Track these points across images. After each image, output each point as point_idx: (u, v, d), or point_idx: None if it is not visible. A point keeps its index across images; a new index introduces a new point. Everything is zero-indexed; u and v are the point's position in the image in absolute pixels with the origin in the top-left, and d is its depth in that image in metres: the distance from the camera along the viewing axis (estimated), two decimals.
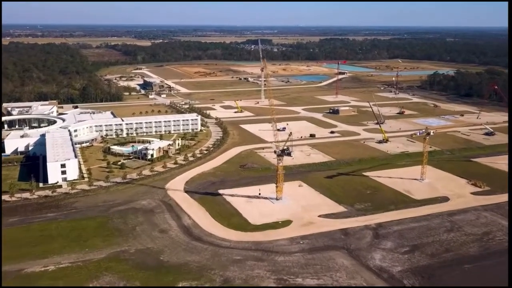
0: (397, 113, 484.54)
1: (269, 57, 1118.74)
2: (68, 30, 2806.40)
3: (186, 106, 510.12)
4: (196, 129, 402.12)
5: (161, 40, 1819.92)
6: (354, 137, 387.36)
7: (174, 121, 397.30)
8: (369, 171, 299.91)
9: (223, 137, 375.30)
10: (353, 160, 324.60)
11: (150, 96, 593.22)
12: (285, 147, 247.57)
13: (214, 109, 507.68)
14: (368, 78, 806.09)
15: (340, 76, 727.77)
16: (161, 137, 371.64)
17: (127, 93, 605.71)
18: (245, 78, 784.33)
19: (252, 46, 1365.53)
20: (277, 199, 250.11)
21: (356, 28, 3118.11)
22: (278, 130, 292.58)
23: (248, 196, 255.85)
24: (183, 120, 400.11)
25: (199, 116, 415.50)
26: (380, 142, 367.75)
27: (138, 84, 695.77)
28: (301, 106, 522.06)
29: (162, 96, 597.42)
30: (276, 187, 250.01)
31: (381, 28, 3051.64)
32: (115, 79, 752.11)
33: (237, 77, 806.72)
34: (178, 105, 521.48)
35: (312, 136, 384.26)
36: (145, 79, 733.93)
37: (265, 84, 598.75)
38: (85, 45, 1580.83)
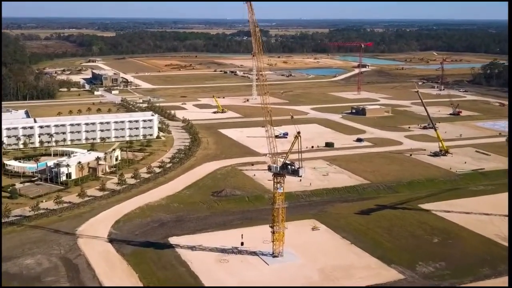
0: (451, 114, 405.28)
1: (264, 48, 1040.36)
2: (28, 22, 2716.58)
3: (145, 105, 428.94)
4: (151, 135, 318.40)
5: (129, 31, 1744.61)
6: (394, 147, 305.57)
7: (115, 123, 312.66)
8: (429, 202, 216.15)
9: (190, 148, 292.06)
10: (399, 183, 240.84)
11: (96, 93, 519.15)
12: (287, 161, 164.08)
13: (184, 108, 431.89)
14: (398, 71, 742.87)
15: (362, 69, 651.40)
16: (92, 147, 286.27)
17: (65, 89, 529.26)
18: (232, 72, 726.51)
19: (244, 37, 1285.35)
20: (274, 256, 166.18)
21: (372, 21, 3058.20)
22: (277, 137, 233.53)
23: (222, 250, 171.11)
24: (130, 122, 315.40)
25: (156, 117, 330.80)
26: (436, 154, 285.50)
27: (84, 79, 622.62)
28: (310, 105, 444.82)
29: (114, 92, 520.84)
30: (273, 232, 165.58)
31: (402, 21, 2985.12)
32: (56, 72, 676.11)
33: (221, 71, 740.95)
34: (133, 103, 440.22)
35: (329, 145, 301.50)
36: (96, 71, 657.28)
37: (257, 78, 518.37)
38: (31, 36, 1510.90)
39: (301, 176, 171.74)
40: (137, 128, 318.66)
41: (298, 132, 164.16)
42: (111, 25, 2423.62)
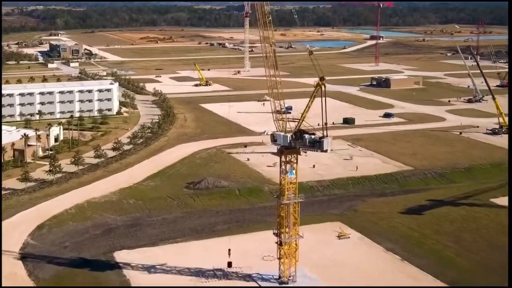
0: (498, 86, 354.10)
1: (256, 21, 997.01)
2: None
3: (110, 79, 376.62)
4: (109, 110, 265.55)
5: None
6: (436, 124, 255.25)
7: (61, 93, 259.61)
8: (504, 196, 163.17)
9: (160, 125, 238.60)
10: (453, 169, 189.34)
11: (51, 65, 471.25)
12: (301, 128, 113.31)
13: (158, 81, 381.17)
14: (420, 43, 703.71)
15: (375, 41, 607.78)
16: (26, 124, 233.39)
17: (13, 62, 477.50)
18: (219, 44, 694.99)
19: (235, 12, 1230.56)
20: (281, 282, 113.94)
21: None
22: (279, 112, 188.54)
23: (199, 273, 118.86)
24: (81, 93, 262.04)
25: (116, 86, 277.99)
26: (495, 132, 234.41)
27: (40, 52, 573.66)
28: (317, 78, 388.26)
29: (72, 65, 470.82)
30: (280, 243, 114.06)
31: None
32: (8, 46, 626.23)
33: (207, 43, 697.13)
34: (94, 76, 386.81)
35: (348, 122, 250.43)
36: (54, 43, 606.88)
37: (251, 50, 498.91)
38: None
39: (326, 151, 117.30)
40: (90, 101, 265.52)
41: (321, 78, 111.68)
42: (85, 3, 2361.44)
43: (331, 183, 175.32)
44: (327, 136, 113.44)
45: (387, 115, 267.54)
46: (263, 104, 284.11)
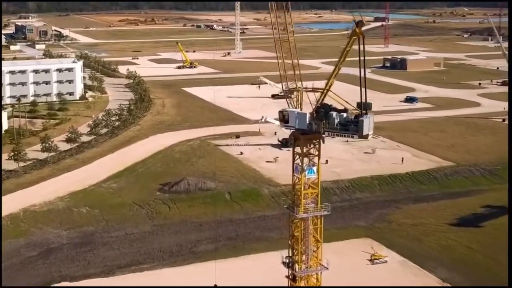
0: None
1: (249, 5, 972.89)
2: None
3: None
4: (72, 93, 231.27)
5: None
6: (470, 110, 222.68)
7: (11, 73, 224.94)
8: None
9: (131, 111, 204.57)
10: (506, 164, 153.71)
11: (13, 47, 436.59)
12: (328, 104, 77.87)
13: (135, 63, 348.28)
14: (430, 25, 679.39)
15: (382, 23, 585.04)
16: None
17: None
18: (207, 26, 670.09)
19: None
20: None
21: None
22: (278, 96, 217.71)
23: None
24: (37, 73, 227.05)
25: (80, 65, 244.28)
26: None
27: (5, 34, 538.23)
28: (320, 59, 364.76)
29: (38, 47, 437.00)
30: (294, 278, 77.90)
31: None
32: None
33: (193, 25, 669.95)
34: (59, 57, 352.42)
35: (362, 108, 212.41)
36: (21, 24, 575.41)
37: (242, 32, 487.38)
38: None
39: (366, 137, 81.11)
40: (47, 83, 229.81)
41: (359, 23, 77.02)
42: None
43: (351, 183, 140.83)
44: (366, 113, 78.67)
45: (409, 100, 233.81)
46: (259, 87, 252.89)
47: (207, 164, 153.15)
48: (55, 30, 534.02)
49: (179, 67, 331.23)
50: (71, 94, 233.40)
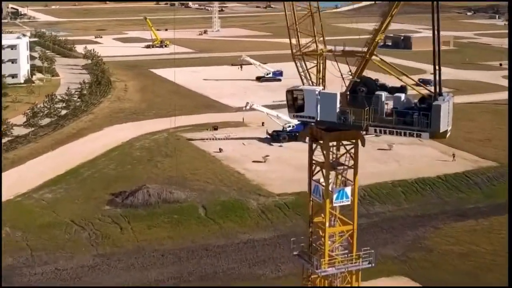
0: None
1: None
2: None
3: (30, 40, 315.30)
4: (15, 76, 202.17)
5: None
6: (498, 95, 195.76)
7: None
8: None
9: (84, 98, 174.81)
10: None
11: None
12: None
13: (98, 42, 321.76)
14: (428, 3, 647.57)
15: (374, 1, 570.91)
16: None
17: None
18: (182, 4, 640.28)
19: None
20: None
21: None
22: (263, 78, 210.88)
23: None
24: None
25: (25, 42, 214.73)
26: None
27: None
28: (306, 38, 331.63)
29: None
30: None
31: None
32: None
33: (166, 3, 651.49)
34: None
35: None
36: None
37: (221, 10, 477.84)
38: None
39: (444, 134, 50.34)
40: None
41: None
42: None
43: (366, 192, 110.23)
44: (441, 93, 49.65)
45: (423, 83, 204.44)
46: (241, 67, 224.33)
47: (176, 165, 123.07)
48: (12, 8, 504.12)
49: (148, 46, 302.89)
50: (14, 76, 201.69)
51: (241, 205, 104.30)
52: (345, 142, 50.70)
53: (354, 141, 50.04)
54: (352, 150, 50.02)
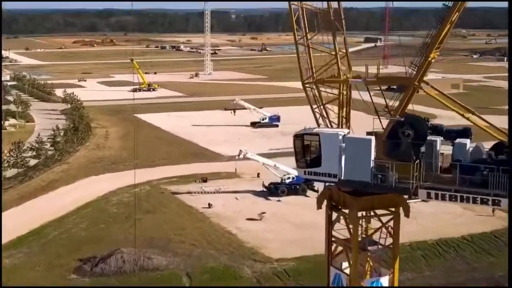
0: None
1: (222, 27, 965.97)
2: None
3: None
4: None
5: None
6: None
7: None
8: None
9: (57, 145, 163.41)
10: None
11: None
12: None
13: (81, 86, 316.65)
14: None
15: (375, 44, 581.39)
16: None
17: None
18: (173, 47, 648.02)
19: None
20: None
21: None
22: (258, 124, 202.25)
23: None
24: None
25: None
26: None
27: None
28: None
29: None
30: None
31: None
32: None
33: (157, 46, 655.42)
34: None
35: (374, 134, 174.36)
36: None
37: (214, 53, 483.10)
38: None
39: None
40: None
41: None
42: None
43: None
44: None
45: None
46: (233, 112, 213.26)
47: (157, 224, 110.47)
48: None
49: (134, 90, 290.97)
50: None
51: (232, 273, 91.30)
52: (380, 212, 37.76)
53: (394, 209, 37.16)
54: (391, 223, 37.11)
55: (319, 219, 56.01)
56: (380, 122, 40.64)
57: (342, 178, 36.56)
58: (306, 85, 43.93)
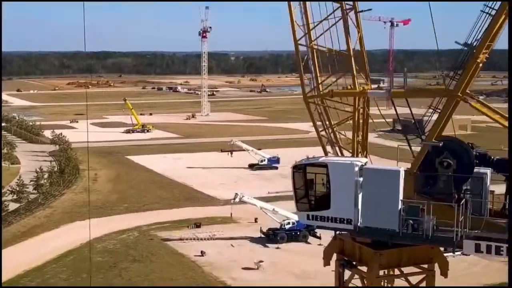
0: None
1: (221, 69, 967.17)
2: None
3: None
4: None
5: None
6: None
7: None
8: None
9: (41, 188, 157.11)
10: None
11: None
12: None
13: (72, 127, 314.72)
14: (435, 87, 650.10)
15: (376, 85, 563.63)
16: None
17: None
18: (170, 88, 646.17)
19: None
20: None
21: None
22: (257, 166, 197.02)
23: None
24: None
25: None
26: None
27: None
28: (307, 122, 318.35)
29: None
30: None
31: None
32: None
33: (153, 88, 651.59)
34: None
35: None
36: None
37: (211, 94, 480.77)
38: None
39: None
40: None
41: None
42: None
43: None
44: None
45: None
46: (231, 154, 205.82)
47: (144, 274, 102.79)
48: None
49: (127, 131, 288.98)
50: None
51: None
52: (407, 269, 30.31)
53: (427, 266, 29.83)
54: (424, 284, 29.78)
55: (322, 269, 48.96)
56: (411, 151, 33.47)
57: (359, 224, 29.07)
58: (310, 101, 36.19)
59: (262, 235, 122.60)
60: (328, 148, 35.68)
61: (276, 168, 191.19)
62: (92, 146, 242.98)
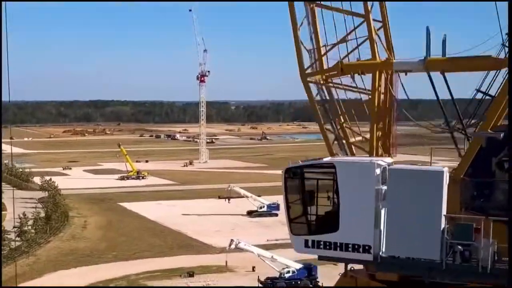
0: None
1: (221, 117, 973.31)
2: None
3: None
4: None
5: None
6: None
7: None
8: None
9: (24, 235, 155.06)
10: None
11: None
12: None
13: (65, 174, 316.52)
14: (440, 135, 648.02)
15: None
16: None
17: None
18: (168, 136, 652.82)
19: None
20: None
21: None
22: (256, 213, 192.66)
23: None
24: None
25: None
26: None
27: None
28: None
29: None
30: None
31: None
32: None
33: (151, 135, 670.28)
34: None
35: None
36: None
37: (210, 142, 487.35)
38: None
39: None
40: None
41: None
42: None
43: None
44: None
45: None
46: (228, 200, 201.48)
47: None
48: None
49: (121, 178, 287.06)
50: None
51: None
52: None
53: None
54: None
55: None
56: (456, 148, 27.67)
57: (381, 253, 22.30)
58: (309, 80, 29.60)
59: (260, 285, 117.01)
60: (337, 149, 29.50)
61: (276, 215, 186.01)
62: (84, 192, 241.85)
